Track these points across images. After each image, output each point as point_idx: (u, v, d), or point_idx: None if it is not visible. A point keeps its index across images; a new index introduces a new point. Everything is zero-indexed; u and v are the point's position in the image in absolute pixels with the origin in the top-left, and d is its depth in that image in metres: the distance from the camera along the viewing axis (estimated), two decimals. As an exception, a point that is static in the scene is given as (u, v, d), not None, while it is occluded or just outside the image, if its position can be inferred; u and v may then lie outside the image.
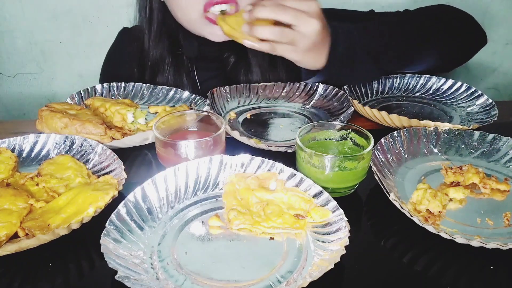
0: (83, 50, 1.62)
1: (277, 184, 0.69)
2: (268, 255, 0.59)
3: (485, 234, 0.63)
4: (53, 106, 0.89)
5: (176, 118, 0.82)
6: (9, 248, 0.58)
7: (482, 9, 1.59)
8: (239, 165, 0.73)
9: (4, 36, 1.57)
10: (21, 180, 0.72)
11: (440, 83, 1.08)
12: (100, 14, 1.56)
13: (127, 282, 0.51)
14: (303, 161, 0.70)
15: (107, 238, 0.58)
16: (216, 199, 0.70)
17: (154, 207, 0.66)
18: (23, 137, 0.83)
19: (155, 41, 1.08)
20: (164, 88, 1.06)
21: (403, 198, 0.70)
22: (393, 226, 0.66)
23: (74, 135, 0.82)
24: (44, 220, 0.63)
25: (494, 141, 0.81)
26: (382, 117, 0.90)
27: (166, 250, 0.60)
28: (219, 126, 0.77)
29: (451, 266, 0.58)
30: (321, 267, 0.54)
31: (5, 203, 0.64)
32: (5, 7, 1.52)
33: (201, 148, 0.73)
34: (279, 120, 0.98)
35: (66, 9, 1.54)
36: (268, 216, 0.63)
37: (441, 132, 0.84)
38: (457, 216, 0.67)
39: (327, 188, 0.68)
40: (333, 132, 0.77)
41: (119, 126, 0.89)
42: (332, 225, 0.62)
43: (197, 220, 0.66)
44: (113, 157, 0.77)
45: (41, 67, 1.65)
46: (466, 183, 0.72)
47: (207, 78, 1.13)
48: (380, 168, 0.74)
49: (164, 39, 1.08)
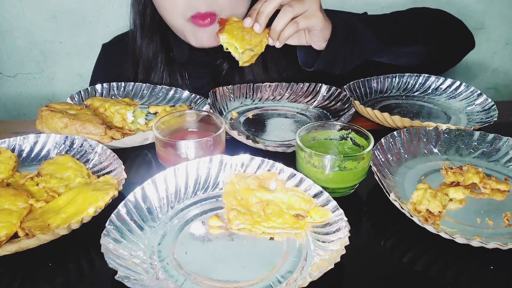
0: (83, 50, 1.62)
1: (277, 184, 0.69)
2: (268, 255, 0.59)
3: (485, 234, 0.63)
4: (53, 106, 0.89)
5: (176, 118, 0.82)
6: (9, 248, 0.58)
7: (482, 9, 1.59)
8: (239, 165, 0.73)
9: (4, 36, 1.57)
10: (21, 180, 0.72)
11: (439, 82, 1.08)
12: (100, 14, 1.56)
13: (127, 282, 0.51)
14: (303, 161, 0.70)
15: (107, 238, 0.58)
16: (216, 199, 0.70)
17: (154, 207, 0.66)
18: (23, 137, 0.83)
19: (147, 37, 1.08)
20: (164, 88, 1.06)
21: (403, 198, 0.70)
22: (393, 226, 0.66)
23: (74, 135, 0.82)
24: (44, 220, 0.63)
25: (494, 141, 0.81)
26: (384, 118, 0.90)
27: (166, 250, 0.60)
28: (219, 126, 0.77)
29: (451, 266, 0.58)
30: (321, 267, 0.54)
31: (5, 203, 0.64)
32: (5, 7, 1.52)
33: (201, 148, 0.73)
34: (280, 120, 0.98)
35: (66, 9, 1.54)
36: (268, 216, 0.63)
37: (441, 132, 0.84)
38: (457, 216, 0.67)
39: (327, 188, 0.68)
40: (333, 132, 0.77)
41: (119, 126, 0.89)
42: (332, 225, 0.62)
43: (197, 220, 0.66)
44: (113, 157, 0.77)
45: (41, 67, 1.65)
46: (466, 183, 0.72)
47: (200, 86, 1.13)
48: (380, 168, 0.74)
49: (157, 36, 1.08)
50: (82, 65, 1.65)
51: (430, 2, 1.13)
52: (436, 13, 1.11)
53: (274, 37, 0.83)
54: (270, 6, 0.80)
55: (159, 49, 1.09)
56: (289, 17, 0.80)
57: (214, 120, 0.81)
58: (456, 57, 1.14)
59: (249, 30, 0.82)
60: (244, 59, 0.83)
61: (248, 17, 0.82)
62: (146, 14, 1.07)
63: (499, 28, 1.64)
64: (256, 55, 0.84)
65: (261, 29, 0.81)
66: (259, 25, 0.81)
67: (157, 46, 1.09)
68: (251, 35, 0.82)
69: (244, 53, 0.82)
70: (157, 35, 1.08)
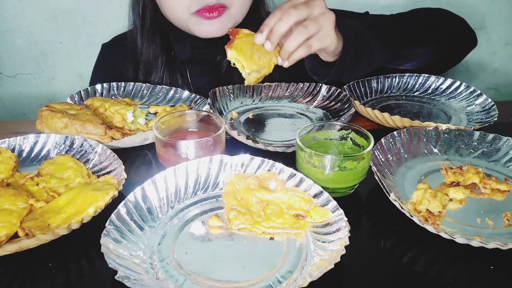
0: (83, 50, 1.62)
1: (277, 184, 0.69)
2: (268, 255, 0.59)
3: (485, 234, 0.63)
4: (53, 106, 0.89)
5: (176, 118, 0.82)
6: (9, 248, 0.58)
7: (482, 9, 1.59)
8: (239, 165, 0.73)
9: (4, 36, 1.57)
10: (21, 180, 0.72)
11: (439, 82, 1.08)
12: (100, 14, 1.56)
13: (127, 282, 0.51)
14: (303, 161, 0.70)
15: (107, 238, 0.58)
16: (216, 199, 0.70)
17: (154, 207, 0.66)
18: (23, 137, 0.83)
19: (148, 38, 1.08)
20: (164, 88, 1.06)
21: (403, 198, 0.70)
22: (393, 226, 0.66)
23: (74, 135, 0.82)
24: (44, 220, 0.63)
25: (494, 141, 0.81)
26: (384, 118, 0.90)
27: (166, 250, 0.60)
28: (219, 126, 0.77)
29: (451, 266, 0.58)
30: (321, 267, 0.54)
31: (5, 203, 0.64)
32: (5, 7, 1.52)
33: (201, 148, 0.73)
34: (280, 120, 0.98)
35: (66, 9, 1.54)
36: (268, 216, 0.63)
37: (441, 132, 0.83)
38: (457, 216, 0.67)
39: (327, 188, 0.68)
40: (333, 132, 0.77)
41: (119, 126, 0.89)
42: (332, 225, 0.62)
43: (197, 220, 0.66)
44: (113, 157, 0.77)
45: (41, 67, 1.65)
46: (466, 183, 0.72)
47: (201, 85, 1.12)
48: (380, 168, 0.74)
49: (157, 38, 1.08)
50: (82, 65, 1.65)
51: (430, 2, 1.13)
52: (438, 12, 1.11)
53: (284, 57, 0.80)
54: (284, 25, 0.75)
55: (160, 51, 1.09)
56: (302, 39, 0.77)
57: (214, 120, 0.81)
58: (459, 55, 1.13)
59: (259, 47, 0.79)
60: (251, 81, 0.80)
61: (259, 33, 0.78)
62: (146, 16, 1.07)
63: (499, 28, 1.64)
64: (262, 76, 0.81)
65: (272, 47, 0.78)
66: (270, 43, 0.77)
67: (158, 47, 1.09)
68: (260, 53, 0.79)
69: (251, 74, 0.79)
70: (157, 36, 1.08)
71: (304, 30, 0.76)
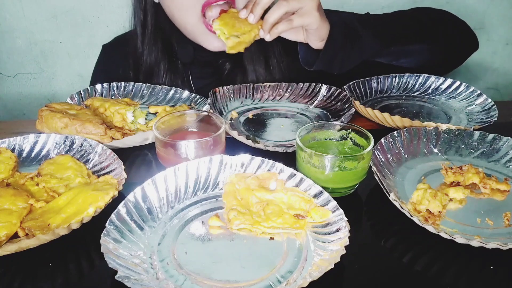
0: (83, 50, 1.62)
1: (277, 184, 0.69)
2: (268, 255, 0.59)
3: (485, 234, 0.63)
4: (53, 106, 0.89)
5: (176, 118, 0.82)
6: (9, 248, 0.58)
7: (482, 9, 1.59)
8: (239, 165, 0.73)
9: (4, 36, 1.57)
10: (21, 180, 0.72)
11: (439, 82, 1.08)
12: (100, 14, 1.56)
13: (127, 282, 0.51)
14: (303, 161, 0.70)
15: (107, 238, 0.58)
16: (216, 199, 0.70)
17: (154, 207, 0.66)
18: (23, 137, 0.83)
19: (149, 44, 1.08)
20: (164, 88, 1.06)
21: (403, 198, 0.70)
22: (393, 226, 0.66)
23: (74, 135, 0.82)
24: (44, 220, 0.63)
25: (494, 141, 0.81)
26: (384, 118, 0.90)
27: (166, 250, 0.60)
28: (219, 126, 0.77)
29: (451, 266, 0.58)
30: (321, 267, 0.54)
31: (5, 203, 0.64)
32: (5, 7, 1.52)
33: (201, 148, 0.73)
34: (280, 121, 0.98)
35: (66, 9, 1.54)
36: (268, 216, 0.63)
37: (441, 132, 0.83)
38: (457, 216, 0.67)
39: (327, 188, 0.68)
40: (333, 132, 0.77)
41: (119, 126, 0.89)
42: (332, 225, 0.62)
43: (197, 220, 0.66)
44: (113, 157, 0.77)
45: (41, 67, 1.65)
46: (466, 183, 0.72)
47: (203, 86, 1.12)
48: (380, 168, 0.74)
49: (158, 43, 1.08)
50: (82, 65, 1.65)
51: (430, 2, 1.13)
52: (439, 13, 1.11)
53: (265, 29, 0.84)
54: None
55: (161, 56, 1.09)
56: (282, 11, 0.81)
57: (214, 120, 0.81)
58: (459, 58, 1.14)
59: (243, 20, 0.84)
60: (229, 45, 0.84)
61: (244, 9, 0.84)
62: (147, 23, 1.06)
63: (499, 28, 1.64)
64: (243, 42, 0.85)
65: (255, 19, 0.83)
66: (253, 15, 0.82)
67: (159, 52, 1.08)
68: (243, 25, 0.84)
69: (230, 38, 0.83)
70: (158, 41, 1.08)
71: (285, 3, 0.81)
